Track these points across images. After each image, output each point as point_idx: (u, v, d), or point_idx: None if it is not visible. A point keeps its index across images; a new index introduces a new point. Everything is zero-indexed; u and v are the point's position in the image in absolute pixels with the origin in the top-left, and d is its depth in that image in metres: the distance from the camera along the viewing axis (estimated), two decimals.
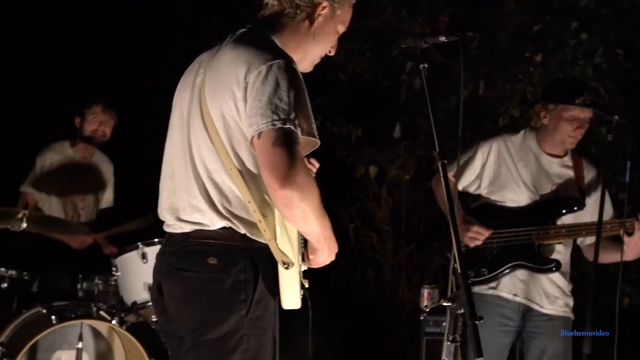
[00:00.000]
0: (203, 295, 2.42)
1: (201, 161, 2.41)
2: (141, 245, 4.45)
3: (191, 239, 2.45)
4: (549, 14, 5.50)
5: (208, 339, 2.41)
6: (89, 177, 5.36)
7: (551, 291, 3.71)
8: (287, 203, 2.23)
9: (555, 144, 3.74)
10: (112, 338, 4.51)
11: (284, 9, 2.52)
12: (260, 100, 2.23)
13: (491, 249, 3.69)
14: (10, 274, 4.69)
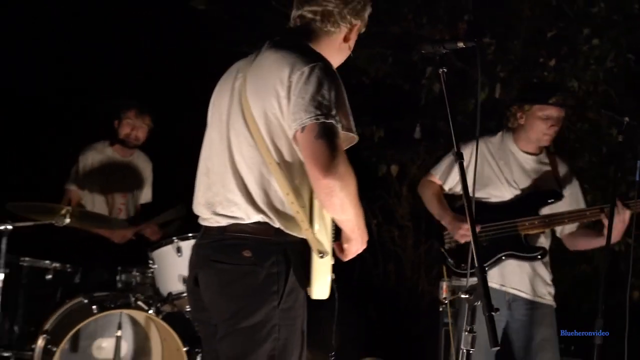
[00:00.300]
0: (238, 287, 2.45)
1: (241, 157, 2.47)
2: (176, 239, 4.47)
3: (227, 233, 2.49)
4: (562, 21, 5.47)
5: (241, 328, 2.45)
6: (128, 174, 5.40)
7: (535, 280, 3.76)
8: (329, 192, 2.29)
9: (530, 142, 3.82)
10: (149, 327, 4.55)
11: (324, 26, 2.60)
12: (304, 97, 2.30)
13: (481, 242, 3.70)
14: (55, 266, 4.74)
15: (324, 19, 2.59)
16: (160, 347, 4.56)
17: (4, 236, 4.40)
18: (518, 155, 3.84)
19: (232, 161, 2.49)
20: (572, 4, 5.49)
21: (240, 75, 2.54)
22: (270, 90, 2.39)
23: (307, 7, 2.60)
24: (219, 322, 2.53)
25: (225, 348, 2.50)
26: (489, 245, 3.72)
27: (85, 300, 4.36)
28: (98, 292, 4.46)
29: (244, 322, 2.44)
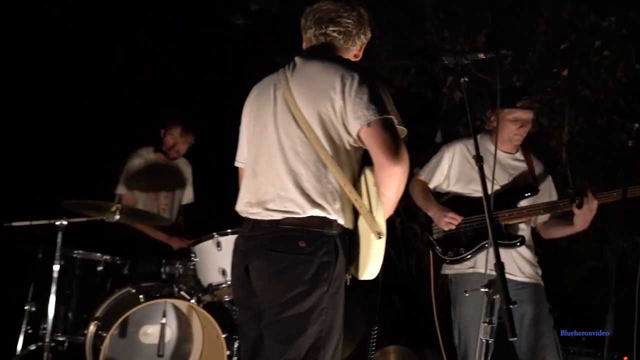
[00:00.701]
0: (293, 274, 2.55)
1: (296, 155, 2.59)
2: (216, 235, 4.48)
3: (280, 225, 2.59)
4: (575, 34, 5.44)
5: (294, 311, 2.54)
6: (170, 177, 5.43)
7: (520, 263, 3.84)
8: (396, 176, 2.48)
9: (504, 142, 3.92)
10: (190, 315, 4.57)
11: (345, 42, 2.80)
12: (362, 98, 2.49)
13: (466, 232, 3.85)
14: (105, 258, 4.79)
15: (345, 38, 2.79)
16: (201, 333, 4.58)
17: (60, 231, 4.46)
18: (499, 155, 3.91)
19: (285, 161, 2.61)
20: (584, 18, 5.45)
21: (279, 86, 2.69)
22: (322, 94, 2.56)
23: (332, 27, 2.76)
24: (271, 306, 2.60)
25: (276, 330, 2.58)
26: (473, 235, 3.84)
27: (133, 290, 4.40)
28: (145, 283, 4.50)
29: (297, 306, 2.54)
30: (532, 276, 3.86)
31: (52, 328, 4.45)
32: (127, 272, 4.93)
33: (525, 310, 3.76)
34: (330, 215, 2.55)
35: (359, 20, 2.80)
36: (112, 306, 4.42)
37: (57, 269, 4.45)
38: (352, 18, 2.78)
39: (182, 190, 5.50)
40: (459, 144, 4.04)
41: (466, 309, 3.84)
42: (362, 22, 2.82)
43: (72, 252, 4.72)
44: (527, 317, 3.76)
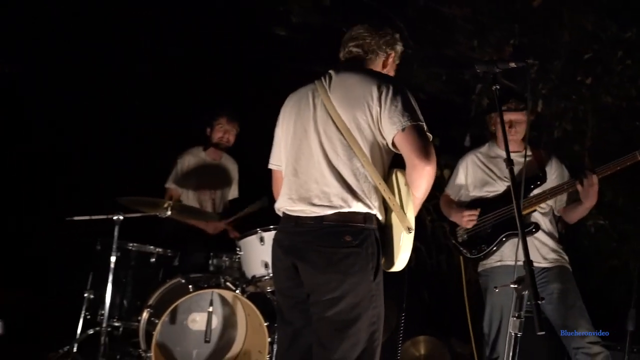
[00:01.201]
0: (342, 265, 2.60)
1: (337, 156, 2.66)
2: (260, 230, 4.48)
3: (324, 222, 2.64)
4: (598, 44, 5.36)
5: (350, 300, 2.59)
6: (218, 175, 5.44)
7: (543, 250, 3.81)
8: (427, 177, 2.56)
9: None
10: (235, 304, 4.57)
11: (367, 55, 2.90)
12: (397, 106, 2.58)
13: (485, 229, 3.86)
14: (157, 251, 4.83)
15: (365, 50, 2.89)
16: (245, 321, 4.58)
17: (117, 225, 4.51)
18: (502, 155, 3.73)
19: (327, 161, 2.67)
20: (606, 29, 5.37)
21: (317, 94, 2.78)
22: (359, 101, 2.64)
23: (352, 43, 2.91)
24: (326, 298, 2.63)
25: (334, 320, 2.61)
26: (492, 230, 3.84)
27: (182, 280, 4.41)
28: (193, 274, 4.51)
29: (351, 295, 2.59)
30: (556, 260, 3.84)
31: (108, 314, 4.51)
32: (177, 264, 4.97)
33: (553, 289, 3.74)
34: (371, 211, 2.62)
35: (380, 35, 2.89)
36: (164, 295, 4.44)
37: (113, 260, 4.51)
38: (371, 34, 2.88)
39: (228, 188, 5.51)
40: (470, 155, 4.10)
41: (497, 299, 3.82)
42: (382, 36, 2.89)
43: (128, 244, 4.76)
44: (554, 294, 3.73)
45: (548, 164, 3.94)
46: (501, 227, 3.80)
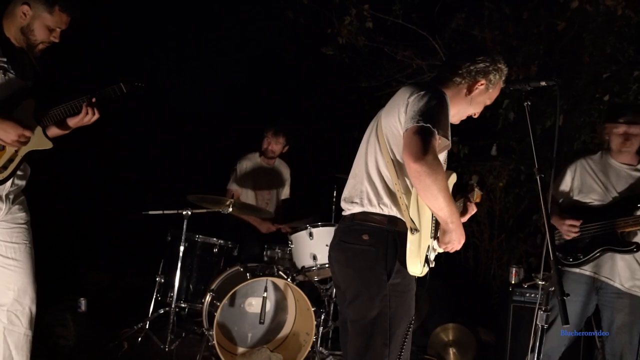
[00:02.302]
0: (357, 262, 2.46)
1: (372, 160, 2.51)
2: (309, 226, 4.49)
3: (354, 220, 2.50)
4: (616, 65, 5.22)
5: (362, 296, 2.44)
6: (272, 177, 5.44)
7: (622, 271, 3.42)
8: (417, 176, 2.23)
9: (619, 154, 3.51)
10: (286, 290, 4.55)
11: (452, 75, 2.55)
12: (414, 110, 2.31)
13: (584, 238, 3.47)
14: (220, 243, 4.82)
15: (452, 71, 2.55)
16: (294, 306, 4.56)
17: (185, 219, 4.53)
18: (615, 165, 3.53)
19: (365, 164, 2.53)
20: (624, 52, 5.23)
21: (381, 110, 2.58)
22: (395, 109, 2.43)
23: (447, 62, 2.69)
24: (346, 289, 2.53)
25: (351, 311, 2.49)
26: (591, 241, 3.47)
27: (241, 268, 4.40)
28: (250, 263, 4.49)
29: (363, 291, 2.44)
30: (630, 287, 3.43)
31: (176, 296, 4.53)
32: (236, 254, 4.97)
33: (615, 318, 3.45)
34: (391, 213, 2.41)
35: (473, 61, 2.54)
36: (224, 281, 4.44)
37: (182, 250, 4.53)
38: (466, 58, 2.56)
39: (281, 188, 5.50)
40: (580, 160, 3.67)
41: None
42: (476, 62, 2.54)
43: (194, 236, 4.77)
44: (615, 324, 3.45)
45: None
46: (600, 240, 3.46)
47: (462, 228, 2.40)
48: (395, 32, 6.16)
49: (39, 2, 2.72)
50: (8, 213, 2.82)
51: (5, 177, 2.73)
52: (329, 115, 6.55)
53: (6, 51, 2.71)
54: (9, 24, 2.75)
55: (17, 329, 2.86)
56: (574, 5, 5.19)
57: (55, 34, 2.80)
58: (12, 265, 2.82)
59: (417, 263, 2.38)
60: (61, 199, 5.57)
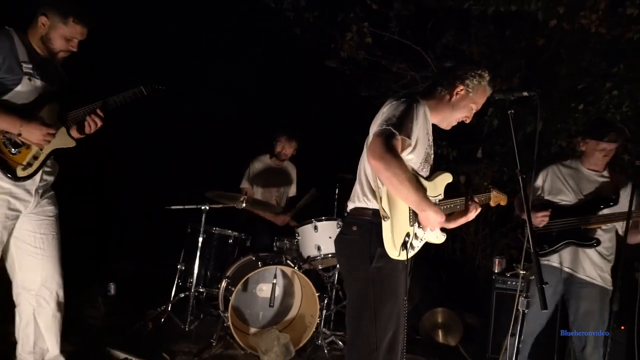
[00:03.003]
0: (348, 250, 2.51)
1: (362, 160, 2.55)
2: (314, 220, 4.50)
3: (349, 215, 2.56)
4: (590, 77, 5.20)
5: (351, 278, 2.51)
6: (281, 176, 5.44)
7: (586, 263, 3.47)
8: (377, 171, 2.30)
9: (591, 164, 3.55)
10: (293, 277, 4.57)
11: (436, 87, 2.57)
12: (383, 117, 2.37)
13: (551, 232, 3.51)
14: (234, 234, 4.85)
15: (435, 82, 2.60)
16: (301, 291, 4.58)
17: (204, 213, 4.57)
18: (584, 171, 3.57)
19: (359, 168, 2.57)
20: (597, 66, 5.20)
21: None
22: (376, 119, 2.46)
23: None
24: (342, 274, 2.62)
25: (346, 290, 2.56)
26: (557, 235, 3.52)
27: (253, 257, 4.42)
28: (262, 253, 4.51)
29: (352, 275, 2.49)
30: (594, 278, 3.46)
31: (195, 282, 4.56)
32: (249, 245, 4.98)
33: (579, 305, 3.47)
34: (375, 206, 2.42)
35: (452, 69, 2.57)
36: (238, 269, 4.46)
37: (200, 240, 4.56)
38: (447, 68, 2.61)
39: (289, 186, 5.49)
40: (552, 166, 3.71)
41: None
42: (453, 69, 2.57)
43: (212, 228, 4.78)
44: (579, 312, 3.46)
45: (624, 188, 3.52)
46: (565, 234, 3.51)
47: (436, 210, 2.38)
48: (391, 46, 6.17)
49: (55, 14, 2.68)
50: (37, 206, 2.82)
51: (30, 173, 2.72)
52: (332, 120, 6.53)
53: (31, 58, 2.69)
54: (32, 34, 2.73)
55: (45, 311, 2.87)
56: (553, 23, 5.18)
57: (72, 44, 2.75)
58: (39, 254, 2.83)
59: (392, 247, 2.39)
60: (94, 195, 5.58)
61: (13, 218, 2.73)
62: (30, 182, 2.73)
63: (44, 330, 2.88)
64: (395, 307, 2.45)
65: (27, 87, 2.66)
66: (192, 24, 6.84)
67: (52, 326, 2.89)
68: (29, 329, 2.87)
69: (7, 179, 2.64)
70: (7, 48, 2.61)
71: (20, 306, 2.87)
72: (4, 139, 2.63)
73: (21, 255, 2.81)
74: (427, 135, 2.52)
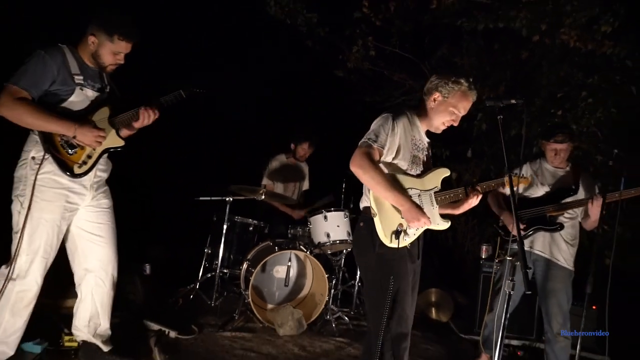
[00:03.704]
0: (358, 242, 2.60)
1: None
2: (324, 211, 4.52)
3: (360, 213, 2.64)
4: (568, 87, 5.19)
5: (361, 266, 2.63)
6: (296, 173, 5.44)
7: (552, 247, 3.53)
8: (358, 175, 2.41)
9: (552, 163, 3.62)
10: (306, 261, 4.58)
11: (421, 97, 2.66)
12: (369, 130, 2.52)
13: (522, 221, 3.56)
14: (254, 223, 4.89)
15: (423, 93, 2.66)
16: (312, 273, 4.59)
17: (228, 204, 4.59)
18: (549, 168, 3.64)
19: None
20: (574, 76, 5.19)
21: None
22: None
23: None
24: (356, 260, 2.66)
25: (360, 273, 2.65)
26: (527, 223, 3.57)
27: (270, 243, 4.44)
28: (278, 239, 4.54)
29: (361, 263, 2.60)
30: (559, 260, 3.51)
31: (220, 264, 4.59)
32: (267, 232, 5.00)
33: (546, 284, 3.51)
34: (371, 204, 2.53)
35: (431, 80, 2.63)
36: (257, 253, 4.48)
37: (225, 228, 4.59)
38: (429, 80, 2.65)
39: (303, 182, 5.49)
40: (526, 164, 3.74)
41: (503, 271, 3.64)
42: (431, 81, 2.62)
43: (235, 217, 4.81)
44: (546, 290, 3.51)
45: (582, 180, 3.57)
46: (533, 222, 3.56)
47: (414, 210, 2.44)
48: (393, 58, 6.18)
49: (102, 33, 2.70)
50: (93, 199, 2.84)
51: (85, 170, 2.74)
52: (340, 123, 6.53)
53: (82, 70, 2.72)
54: (83, 50, 2.75)
55: (101, 290, 2.90)
56: (535, 39, 5.18)
57: (119, 57, 2.77)
58: (98, 240, 2.87)
59: (384, 237, 2.48)
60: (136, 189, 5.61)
61: (72, 210, 2.77)
62: (86, 179, 2.76)
63: (99, 307, 2.91)
64: (401, 284, 2.48)
65: (79, 96, 2.71)
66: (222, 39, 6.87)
67: (106, 303, 2.93)
68: (86, 305, 2.90)
69: (66, 176, 2.69)
70: (60, 62, 2.65)
71: (80, 285, 2.90)
72: (62, 141, 2.67)
73: (82, 242, 2.85)
74: (413, 141, 2.58)
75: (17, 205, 2.65)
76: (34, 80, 2.57)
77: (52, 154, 2.64)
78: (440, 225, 2.67)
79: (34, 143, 2.64)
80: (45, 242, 2.65)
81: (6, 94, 2.53)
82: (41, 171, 2.62)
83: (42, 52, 2.61)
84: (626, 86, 4.88)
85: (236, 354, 3.46)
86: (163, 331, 3.61)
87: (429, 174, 2.65)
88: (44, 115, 2.56)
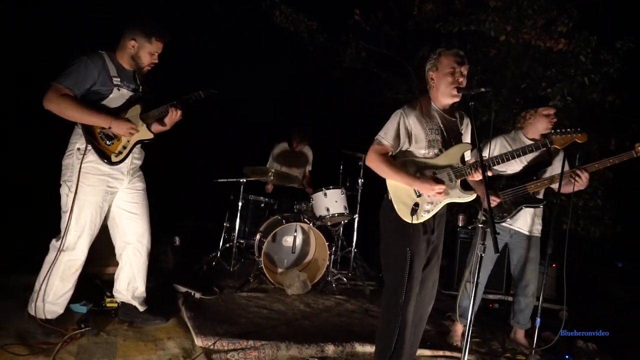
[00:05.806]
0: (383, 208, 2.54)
1: None
2: (324, 189, 4.43)
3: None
4: (530, 79, 5.13)
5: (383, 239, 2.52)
6: (299, 157, 5.36)
7: (532, 221, 3.32)
8: (372, 168, 2.48)
9: (537, 133, 3.21)
10: (309, 232, 4.56)
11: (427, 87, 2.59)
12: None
13: (506, 202, 3.26)
14: (265, 200, 4.86)
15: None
16: (315, 241, 4.58)
17: (242, 184, 4.55)
18: (525, 141, 3.25)
19: None
20: (535, 70, 5.12)
21: None
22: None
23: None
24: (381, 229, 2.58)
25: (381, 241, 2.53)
26: (512, 203, 3.24)
27: (279, 217, 4.43)
28: (286, 213, 4.53)
29: (383, 236, 2.52)
30: (537, 231, 3.33)
31: (237, 235, 4.59)
32: (276, 208, 4.97)
33: (523, 253, 3.33)
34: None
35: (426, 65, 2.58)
36: (268, 225, 4.47)
37: (240, 204, 4.57)
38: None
39: (307, 165, 5.42)
40: (500, 137, 3.31)
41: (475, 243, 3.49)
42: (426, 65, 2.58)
43: (249, 195, 4.79)
44: (522, 259, 3.34)
45: (557, 156, 3.26)
46: (517, 202, 3.23)
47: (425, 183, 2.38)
48: (381, 59, 6.10)
49: (141, 36, 2.68)
50: (130, 182, 2.85)
51: (122, 158, 2.74)
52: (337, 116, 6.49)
53: (119, 73, 2.70)
54: (121, 54, 2.72)
55: (138, 259, 2.91)
56: (502, 39, 5.12)
57: (154, 57, 2.76)
58: (134, 217, 2.87)
59: (404, 214, 2.44)
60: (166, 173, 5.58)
61: (112, 193, 2.77)
62: (123, 165, 2.76)
63: (136, 273, 2.93)
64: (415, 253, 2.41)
65: (116, 95, 2.70)
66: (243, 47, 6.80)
67: (142, 270, 2.94)
68: (126, 272, 2.92)
69: (105, 164, 2.68)
70: (101, 66, 2.64)
71: (121, 255, 2.92)
72: (101, 134, 2.67)
73: (122, 219, 2.85)
74: (429, 126, 2.47)
75: (65, 189, 2.65)
76: (77, 81, 2.57)
77: (92, 144, 2.64)
78: (463, 198, 2.46)
79: (78, 136, 2.65)
80: (90, 220, 2.67)
81: (52, 91, 2.54)
82: (85, 160, 2.62)
83: (85, 57, 2.61)
84: (579, 77, 4.83)
85: (251, 311, 3.47)
86: (189, 293, 3.62)
87: (448, 151, 2.48)
88: (83, 109, 2.57)
